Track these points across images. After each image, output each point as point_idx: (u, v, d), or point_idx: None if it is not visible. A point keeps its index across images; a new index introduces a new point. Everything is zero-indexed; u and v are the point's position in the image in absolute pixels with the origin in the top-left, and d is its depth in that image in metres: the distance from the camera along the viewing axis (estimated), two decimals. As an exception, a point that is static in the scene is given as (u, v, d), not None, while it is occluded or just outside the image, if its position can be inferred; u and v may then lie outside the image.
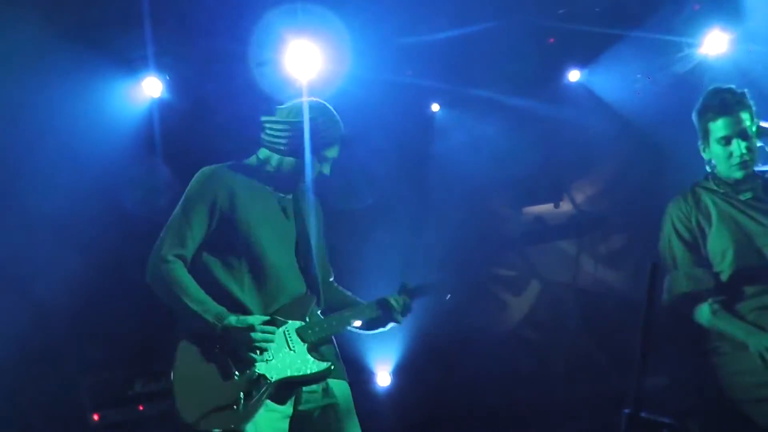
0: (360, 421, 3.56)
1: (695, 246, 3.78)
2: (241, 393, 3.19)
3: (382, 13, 5.73)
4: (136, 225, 5.33)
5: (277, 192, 3.62)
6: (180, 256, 3.39)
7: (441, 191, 6.89)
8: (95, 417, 5.33)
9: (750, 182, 3.78)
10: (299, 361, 3.37)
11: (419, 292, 3.77)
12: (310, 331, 3.45)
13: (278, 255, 3.48)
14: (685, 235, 3.80)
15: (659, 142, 6.74)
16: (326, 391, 3.46)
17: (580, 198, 7.47)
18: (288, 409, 3.38)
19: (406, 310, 3.70)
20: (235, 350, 3.27)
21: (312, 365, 3.38)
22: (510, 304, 7.68)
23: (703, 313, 3.74)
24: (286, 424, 3.36)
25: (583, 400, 6.86)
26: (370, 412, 6.59)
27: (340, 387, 3.51)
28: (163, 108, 5.88)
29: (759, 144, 3.76)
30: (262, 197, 3.56)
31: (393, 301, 3.67)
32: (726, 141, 3.69)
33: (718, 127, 3.69)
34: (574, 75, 6.92)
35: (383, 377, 6.74)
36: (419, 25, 5.96)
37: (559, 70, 6.94)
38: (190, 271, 3.40)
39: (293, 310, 3.47)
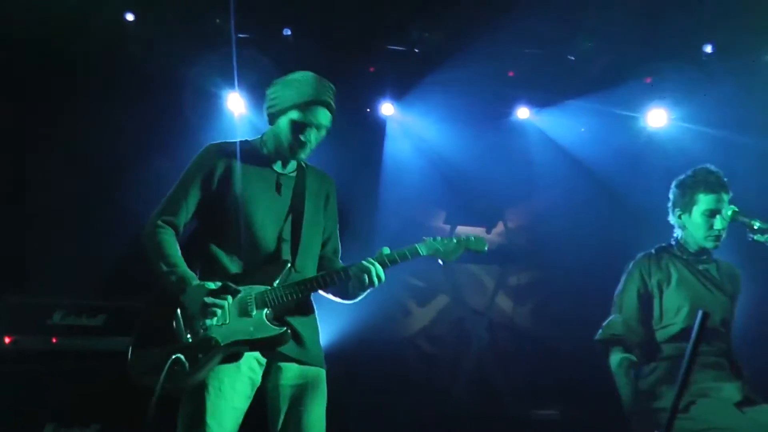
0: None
1: (646, 304, 4.26)
2: (187, 354, 3.25)
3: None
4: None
5: (279, 169, 3.74)
6: (170, 223, 3.57)
7: (381, 193, 7.03)
8: (6, 340, 5.20)
9: (709, 258, 4.32)
10: (252, 327, 3.45)
11: (398, 257, 3.62)
12: (271, 296, 3.50)
13: (263, 228, 3.59)
14: (642, 290, 4.27)
15: (589, 191, 7.18)
16: (300, 373, 3.55)
17: (511, 227, 7.77)
18: (256, 376, 3.54)
19: (374, 277, 3.54)
20: (192, 314, 3.40)
21: (264, 329, 3.45)
22: (413, 312, 7.88)
23: (615, 360, 4.19)
24: (248, 389, 3.51)
25: (462, 418, 7.15)
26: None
27: (313, 372, 3.59)
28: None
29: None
30: (257, 173, 3.67)
31: (366, 263, 3.56)
32: (711, 214, 4.15)
33: (708, 201, 4.16)
34: (523, 112, 7.28)
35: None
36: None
37: (510, 106, 7.29)
38: (181, 238, 3.58)
39: (262, 275, 3.55)
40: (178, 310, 3.44)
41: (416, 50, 6.30)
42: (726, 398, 4.03)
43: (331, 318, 6.76)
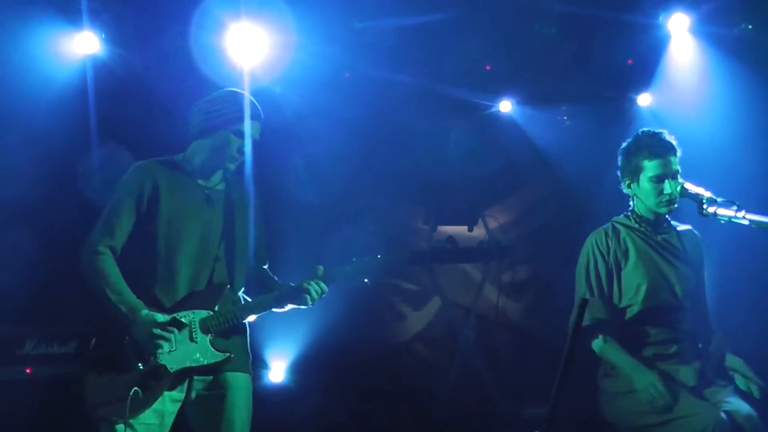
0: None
1: (609, 280, 4.07)
2: (139, 384, 3.48)
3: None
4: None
5: (205, 183, 3.88)
6: (110, 247, 3.66)
7: (364, 192, 6.91)
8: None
9: (666, 226, 4.14)
10: (199, 353, 3.64)
11: (336, 276, 3.89)
12: (214, 322, 3.70)
13: (195, 245, 3.74)
14: (604, 268, 4.07)
15: (575, 181, 7.03)
16: (218, 380, 3.71)
17: (493, 225, 7.62)
18: (179, 394, 3.68)
19: (320, 295, 3.82)
20: (141, 342, 3.54)
21: (210, 355, 3.66)
22: (408, 317, 7.74)
23: (599, 342, 4.03)
24: (174, 408, 3.68)
25: (464, 422, 7.01)
26: (261, 405, 6.53)
27: (236, 378, 3.75)
28: (98, 68, 5.62)
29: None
30: (185, 189, 3.80)
31: (308, 286, 3.80)
32: (658, 179, 3.95)
33: (653, 166, 3.96)
34: (505, 105, 7.15)
35: (277, 373, 6.63)
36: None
37: (491, 99, 7.14)
38: (118, 262, 3.67)
39: (203, 300, 3.72)
40: (127, 339, 3.56)
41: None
42: (680, 382, 3.92)
43: (318, 326, 6.67)
